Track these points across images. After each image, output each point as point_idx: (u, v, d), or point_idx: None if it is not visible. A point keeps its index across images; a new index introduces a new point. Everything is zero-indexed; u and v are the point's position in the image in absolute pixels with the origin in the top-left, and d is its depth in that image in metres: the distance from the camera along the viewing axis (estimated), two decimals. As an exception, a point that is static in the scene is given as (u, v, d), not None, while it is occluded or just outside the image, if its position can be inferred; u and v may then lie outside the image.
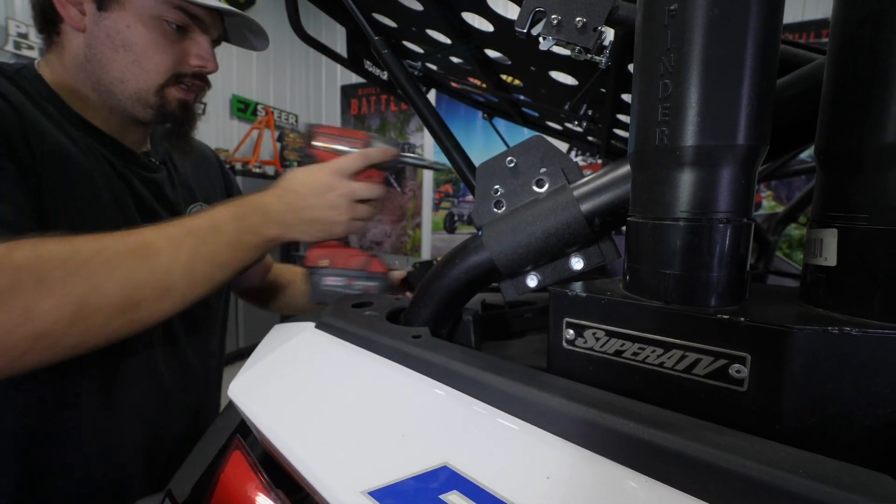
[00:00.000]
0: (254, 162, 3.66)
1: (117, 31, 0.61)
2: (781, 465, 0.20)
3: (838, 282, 0.25)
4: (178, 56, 0.65)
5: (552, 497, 0.23)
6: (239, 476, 0.34)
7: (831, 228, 0.25)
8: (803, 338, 0.23)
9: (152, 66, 0.63)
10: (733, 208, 0.25)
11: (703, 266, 0.26)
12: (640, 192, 0.28)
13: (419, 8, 0.56)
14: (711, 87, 0.23)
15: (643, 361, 0.28)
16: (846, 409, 0.23)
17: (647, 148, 0.26)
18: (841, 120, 0.24)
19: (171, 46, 0.64)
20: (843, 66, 0.24)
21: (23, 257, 0.42)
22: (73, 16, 0.60)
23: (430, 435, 0.28)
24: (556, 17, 0.36)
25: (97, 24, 0.60)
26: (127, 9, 0.60)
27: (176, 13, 0.62)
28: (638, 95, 0.27)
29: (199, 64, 0.67)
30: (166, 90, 0.66)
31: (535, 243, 0.35)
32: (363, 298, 0.52)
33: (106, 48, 0.61)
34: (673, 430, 0.23)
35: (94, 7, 0.60)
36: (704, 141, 0.24)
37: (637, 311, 0.28)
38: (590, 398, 0.26)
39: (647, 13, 0.25)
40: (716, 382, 0.25)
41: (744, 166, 0.25)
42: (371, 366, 0.37)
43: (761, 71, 0.23)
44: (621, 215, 0.33)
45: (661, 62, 0.24)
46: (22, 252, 0.42)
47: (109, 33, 0.61)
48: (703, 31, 0.23)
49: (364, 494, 0.23)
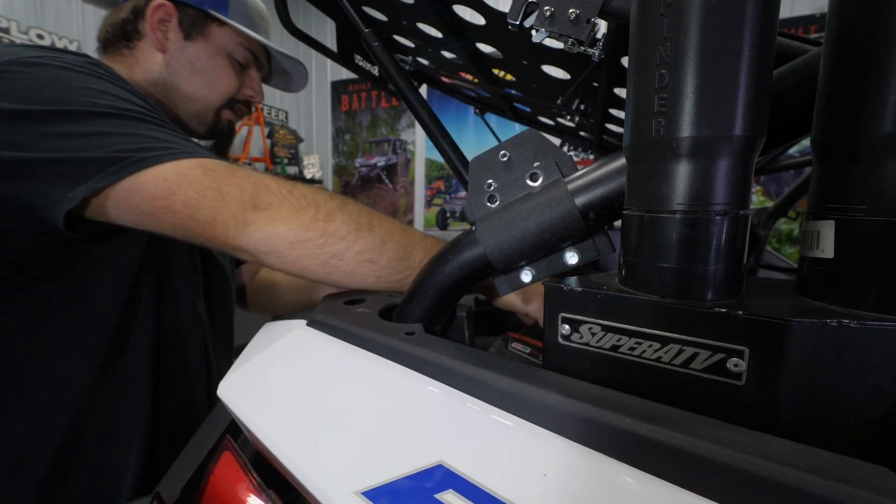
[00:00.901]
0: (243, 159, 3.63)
1: (198, 58, 0.75)
2: (780, 460, 0.19)
3: (835, 274, 0.25)
4: (237, 86, 0.80)
5: (549, 494, 0.22)
6: (229, 477, 0.33)
7: (828, 220, 0.25)
8: (802, 331, 0.22)
9: (219, 91, 0.77)
10: (730, 200, 0.25)
11: (700, 259, 0.26)
12: (636, 185, 0.28)
13: (410, 1, 0.56)
14: (708, 76, 0.23)
15: (640, 356, 0.27)
16: (844, 402, 0.23)
17: (644, 139, 0.26)
18: (837, 110, 0.24)
19: (234, 77, 0.79)
20: (840, 55, 0.24)
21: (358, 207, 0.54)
22: (160, 38, 0.73)
23: (424, 433, 0.28)
24: (548, 8, 0.36)
25: (182, 49, 0.74)
26: (209, 43, 0.75)
27: (243, 52, 0.78)
28: (633, 86, 0.26)
29: (250, 94, 0.82)
30: (222, 112, 0.80)
31: (530, 238, 0.35)
32: (354, 296, 0.51)
33: (185, 70, 0.74)
34: (670, 426, 0.22)
35: (180, 36, 0.74)
36: (701, 132, 0.24)
37: (633, 305, 0.27)
38: (586, 394, 0.26)
39: (643, 2, 0.25)
40: (713, 377, 0.25)
41: (741, 157, 0.24)
42: (364, 363, 0.36)
43: (758, 60, 0.23)
44: (616, 209, 0.32)
45: (657, 52, 0.24)
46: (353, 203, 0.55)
47: (191, 59, 0.74)
48: (700, 20, 0.22)
49: (357, 494, 0.23)
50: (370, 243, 0.51)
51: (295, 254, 0.49)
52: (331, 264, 0.50)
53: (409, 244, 0.53)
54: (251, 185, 0.50)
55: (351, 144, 4.45)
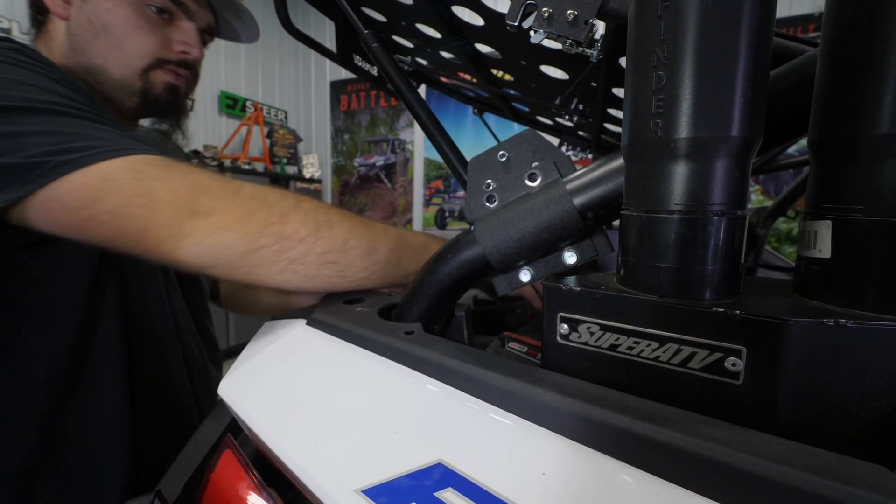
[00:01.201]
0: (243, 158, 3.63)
1: (97, 14, 0.60)
2: (778, 459, 0.19)
3: (833, 274, 0.25)
4: (161, 41, 0.63)
5: (548, 492, 0.22)
6: (230, 475, 0.33)
7: (825, 220, 0.25)
8: (799, 330, 0.22)
9: (133, 49, 0.62)
10: (728, 201, 0.25)
11: (698, 259, 0.26)
12: (634, 185, 0.28)
13: (409, 2, 0.56)
14: (705, 77, 0.23)
15: (638, 356, 0.27)
16: (842, 401, 0.23)
17: (641, 140, 0.26)
18: (834, 110, 0.24)
19: (154, 31, 0.63)
20: (837, 55, 0.24)
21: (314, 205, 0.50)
22: (57, 4, 0.60)
23: (423, 432, 0.28)
24: (547, 9, 0.36)
25: (80, 10, 0.60)
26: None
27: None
28: (631, 87, 0.26)
29: (182, 50, 0.65)
30: (151, 73, 0.64)
31: (528, 238, 0.35)
32: (353, 295, 0.51)
33: (87, 34, 0.60)
34: (668, 425, 0.22)
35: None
36: (699, 132, 0.24)
37: (632, 304, 0.28)
38: (584, 393, 0.26)
39: (641, 4, 0.25)
40: (711, 376, 0.25)
41: (738, 158, 0.24)
42: (363, 362, 0.36)
43: (755, 61, 0.23)
44: (614, 209, 0.32)
45: (655, 53, 0.24)
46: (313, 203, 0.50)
47: (90, 18, 0.60)
48: (697, 22, 0.23)
49: (357, 493, 0.23)
50: (332, 243, 0.46)
51: (247, 264, 0.44)
52: (290, 269, 0.45)
53: (373, 238, 0.49)
54: (187, 187, 0.44)
55: (350, 144, 4.45)
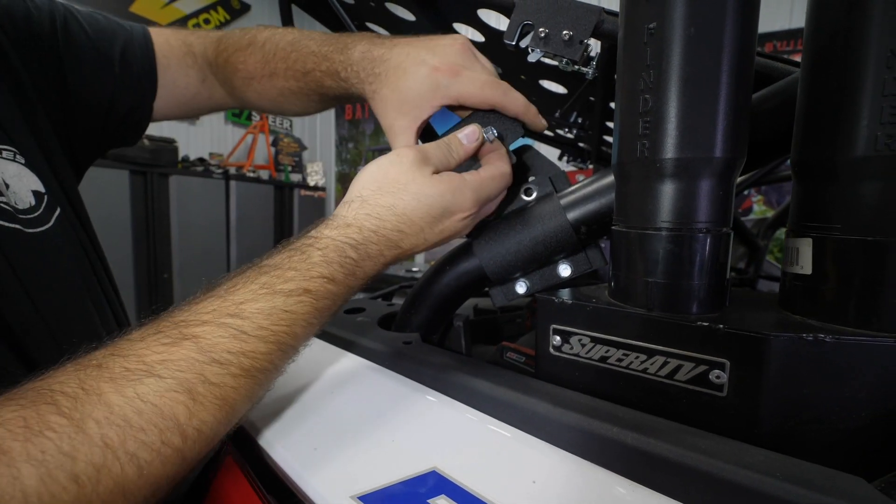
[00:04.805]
0: (248, 166, 3.66)
1: None
2: (759, 468, 0.20)
3: (814, 289, 0.26)
4: None
5: (537, 500, 0.23)
6: (231, 482, 0.34)
7: (807, 238, 0.26)
8: (779, 344, 0.23)
9: None
10: (712, 218, 0.26)
11: (684, 274, 0.27)
12: (624, 203, 0.29)
13: (411, 18, 0.57)
14: (689, 102, 0.24)
15: (627, 367, 0.28)
16: (822, 413, 0.24)
17: (629, 160, 0.27)
18: (814, 133, 0.25)
19: None
20: (815, 80, 0.25)
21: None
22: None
23: (419, 440, 0.29)
24: (543, 30, 0.37)
25: None
26: None
27: None
28: (620, 109, 0.28)
29: None
30: None
31: (524, 251, 0.36)
32: (354, 304, 0.52)
33: None
34: (655, 435, 0.23)
35: None
36: (683, 153, 0.25)
37: (621, 318, 0.28)
38: (575, 403, 0.27)
39: (628, 31, 0.26)
40: (696, 388, 0.26)
41: (722, 178, 0.25)
42: (362, 371, 0.37)
43: (737, 87, 0.24)
44: (607, 224, 0.33)
45: (642, 78, 0.25)
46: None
47: None
48: (681, 49, 0.24)
49: (354, 499, 0.24)
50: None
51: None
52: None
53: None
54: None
55: (354, 152, 4.48)
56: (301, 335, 0.31)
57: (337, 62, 0.44)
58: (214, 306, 0.29)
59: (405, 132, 0.40)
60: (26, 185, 0.43)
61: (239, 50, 0.53)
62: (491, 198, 0.38)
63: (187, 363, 0.26)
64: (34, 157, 0.45)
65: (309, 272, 0.31)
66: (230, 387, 0.27)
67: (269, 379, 0.30)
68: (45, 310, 0.41)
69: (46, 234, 0.43)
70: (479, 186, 0.36)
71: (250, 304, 0.29)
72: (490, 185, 0.37)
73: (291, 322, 0.30)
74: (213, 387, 0.26)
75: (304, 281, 0.31)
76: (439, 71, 0.38)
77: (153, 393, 0.24)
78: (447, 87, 0.38)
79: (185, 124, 3.50)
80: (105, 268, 0.53)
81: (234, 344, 0.27)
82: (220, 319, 0.28)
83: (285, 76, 0.50)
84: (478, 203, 0.36)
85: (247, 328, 0.28)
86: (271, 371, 0.30)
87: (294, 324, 0.30)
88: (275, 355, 0.29)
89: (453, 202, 0.35)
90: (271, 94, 0.53)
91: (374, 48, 0.42)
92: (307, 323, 0.31)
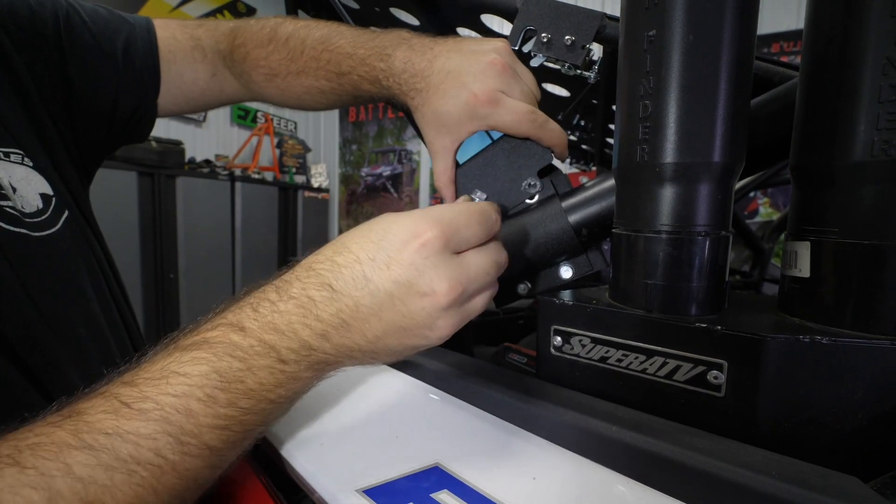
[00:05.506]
0: (253, 168, 3.68)
1: None
2: (756, 468, 0.21)
3: (812, 292, 0.26)
4: None
5: (537, 496, 0.24)
6: (240, 478, 0.35)
7: (805, 241, 0.26)
8: (776, 345, 0.24)
9: None
10: (711, 222, 0.26)
11: (683, 277, 0.27)
12: (624, 206, 0.30)
13: (415, 22, 0.58)
14: (688, 108, 0.25)
15: (627, 368, 0.29)
16: (818, 414, 0.24)
17: (630, 164, 0.28)
18: (812, 138, 0.26)
19: None
20: (813, 86, 0.26)
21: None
22: None
23: (422, 437, 0.29)
24: (545, 35, 0.38)
25: None
26: None
27: None
28: (620, 114, 0.28)
29: None
30: None
31: (526, 253, 0.37)
32: None
33: None
34: (654, 434, 0.24)
35: None
36: (682, 158, 0.25)
37: (620, 319, 0.29)
38: (576, 403, 0.28)
39: (628, 39, 0.26)
40: (695, 388, 0.26)
41: (720, 182, 0.26)
42: (367, 370, 0.38)
43: (735, 93, 0.25)
44: (608, 226, 0.34)
45: (641, 84, 0.26)
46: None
47: None
48: (680, 56, 0.24)
49: (359, 493, 0.24)
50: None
51: None
52: None
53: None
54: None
55: (357, 154, 4.49)
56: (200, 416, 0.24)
57: (378, 70, 0.44)
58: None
59: (443, 153, 0.41)
60: (34, 189, 0.43)
61: (259, 45, 0.51)
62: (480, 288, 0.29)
63: (56, 448, 0.21)
64: (42, 160, 0.45)
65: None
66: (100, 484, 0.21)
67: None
68: (48, 313, 0.40)
69: (54, 237, 0.43)
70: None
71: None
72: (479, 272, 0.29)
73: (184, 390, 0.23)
74: (77, 483, 0.20)
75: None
76: (478, 100, 0.38)
77: (7, 488, 0.20)
78: (484, 117, 0.38)
79: (191, 126, 3.52)
80: (113, 269, 0.52)
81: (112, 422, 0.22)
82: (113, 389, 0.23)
83: (316, 76, 0.49)
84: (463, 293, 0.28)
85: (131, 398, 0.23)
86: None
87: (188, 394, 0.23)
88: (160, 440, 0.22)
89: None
90: (296, 92, 0.52)
91: (415, 58, 0.41)
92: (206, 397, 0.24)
